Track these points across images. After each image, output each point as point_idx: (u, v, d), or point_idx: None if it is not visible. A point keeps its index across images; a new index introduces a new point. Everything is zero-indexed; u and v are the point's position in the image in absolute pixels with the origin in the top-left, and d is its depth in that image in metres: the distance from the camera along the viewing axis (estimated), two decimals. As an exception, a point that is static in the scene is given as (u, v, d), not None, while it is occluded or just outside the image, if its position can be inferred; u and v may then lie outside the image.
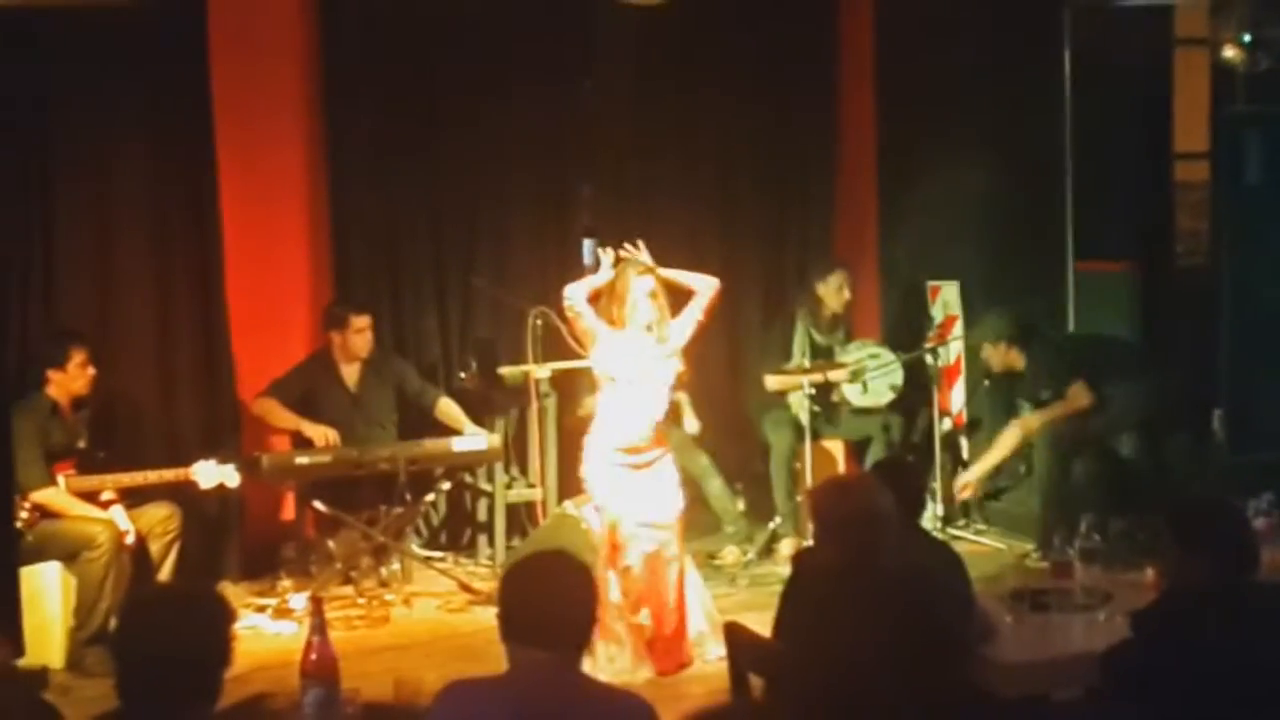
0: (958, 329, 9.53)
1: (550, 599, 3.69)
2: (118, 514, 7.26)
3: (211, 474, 7.53)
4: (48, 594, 7.06)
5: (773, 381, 9.11)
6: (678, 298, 7.08)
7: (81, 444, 7.43)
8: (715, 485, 8.93)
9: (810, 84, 9.91)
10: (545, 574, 3.79)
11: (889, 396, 9.14)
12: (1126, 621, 4.50)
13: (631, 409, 6.84)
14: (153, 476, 7.42)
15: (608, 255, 7.01)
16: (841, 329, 9.30)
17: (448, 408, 8.58)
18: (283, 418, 8.23)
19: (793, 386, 9.04)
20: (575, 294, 6.87)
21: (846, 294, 9.20)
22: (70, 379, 7.39)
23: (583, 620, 3.70)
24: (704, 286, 7.01)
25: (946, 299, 9.60)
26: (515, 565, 4.09)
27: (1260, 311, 8.83)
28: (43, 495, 7.15)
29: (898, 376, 9.14)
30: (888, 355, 9.16)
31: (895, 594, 4.39)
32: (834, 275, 9.21)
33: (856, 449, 9.29)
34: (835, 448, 9.31)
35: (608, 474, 6.86)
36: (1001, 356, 8.83)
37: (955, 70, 9.38)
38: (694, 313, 6.96)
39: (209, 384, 8.43)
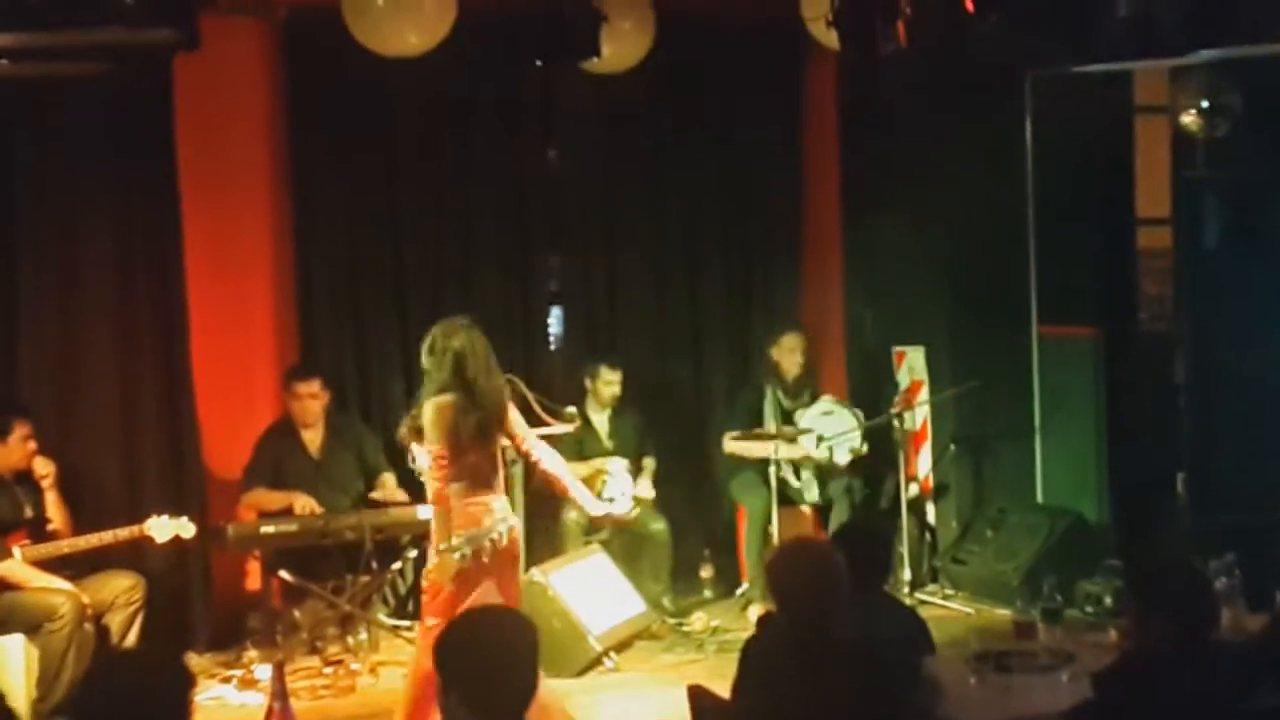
0: (924, 394, 9.57)
1: (487, 655, 3.67)
2: None
3: (166, 527, 7.52)
4: (10, 665, 7.00)
5: (729, 445, 9.16)
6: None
7: (29, 514, 7.40)
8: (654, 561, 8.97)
9: (775, 150, 10.01)
10: (480, 630, 3.77)
11: (847, 458, 9.15)
12: (1089, 682, 4.50)
13: None
14: (108, 536, 7.41)
15: None
16: (806, 391, 9.34)
17: (387, 482, 8.54)
18: (273, 499, 8.21)
19: (750, 453, 9.08)
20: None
21: (799, 356, 9.26)
22: (10, 451, 7.40)
23: (523, 672, 3.67)
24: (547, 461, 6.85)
25: (912, 364, 9.64)
26: (450, 625, 3.97)
27: (1222, 375, 8.87)
28: (0, 568, 7.12)
29: (856, 439, 9.16)
30: (844, 412, 9.18)
31: (844, 665, 4.40)
32: (786, 337, 9.31)
33: (821, 513, 9.31)
34: (806, 511, 9.32)
35: None
36: None
37: (919, 136, 9.45)
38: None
39: (174, 455, 8.40)
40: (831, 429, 9.16)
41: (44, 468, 7.51)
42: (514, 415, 6.78)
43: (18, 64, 6.29)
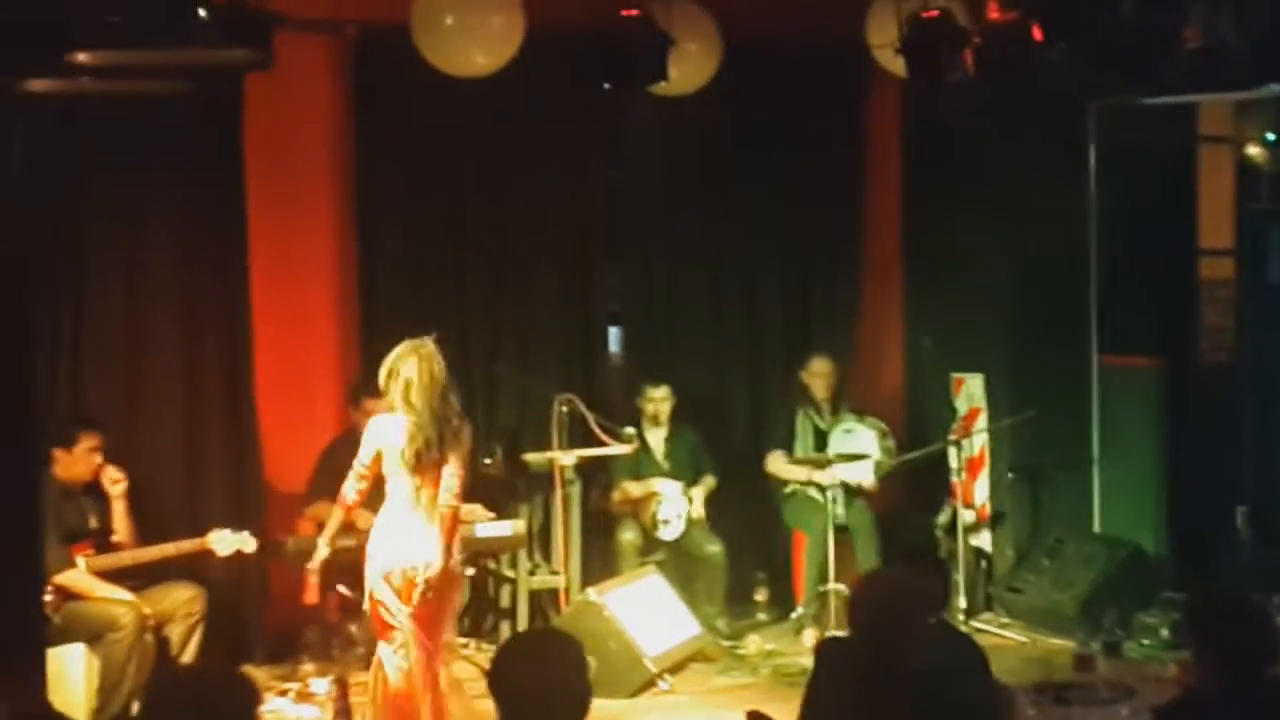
0: (981, 421, 9.55)
1: (542, 678, 3.68)
2: None
3: (228, 541, 7.56)
4: (71, 675, 7.06)
5: (773, 464, 9.17)
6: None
7: (94, 524, 7.46)
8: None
9: (836, 174, 10.01)
10: (536, 653, 3.80)
11: (868, 478, 9.13)
12: (1149, 718, 4.49)
13: None
14: (170, 549, 7.45)
15: None
16: (842, 415, 9.33)
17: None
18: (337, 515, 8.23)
19: (790, 475, 9.07)
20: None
21: (831, 380, 9.26)
22: (75, 461, 7.44)
23: (576, 696, 3.70)
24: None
25: (971, 391, 9.62)
26: (505, 647, 4.04)
27: (1283, 407, 8.85)
28: (65, 577, 7.19)
29: (882, 453, 9.13)
30: (864, 430, 9.17)
31: (924, 696, 4.40)
32: (814, 362, 9.34)
33: (877, 540, 9.27)
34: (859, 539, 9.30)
35: None
36: None
37: (981, 163, 9.45)
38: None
39: (236, 468, 8.44)
40: (857, 445, 9.13)
41: (116, 475, 7.56)
42: (466, 449, 6.71)
43: (98, 81, 6.36)
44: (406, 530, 6.53)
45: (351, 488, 6.70)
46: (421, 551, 6.47)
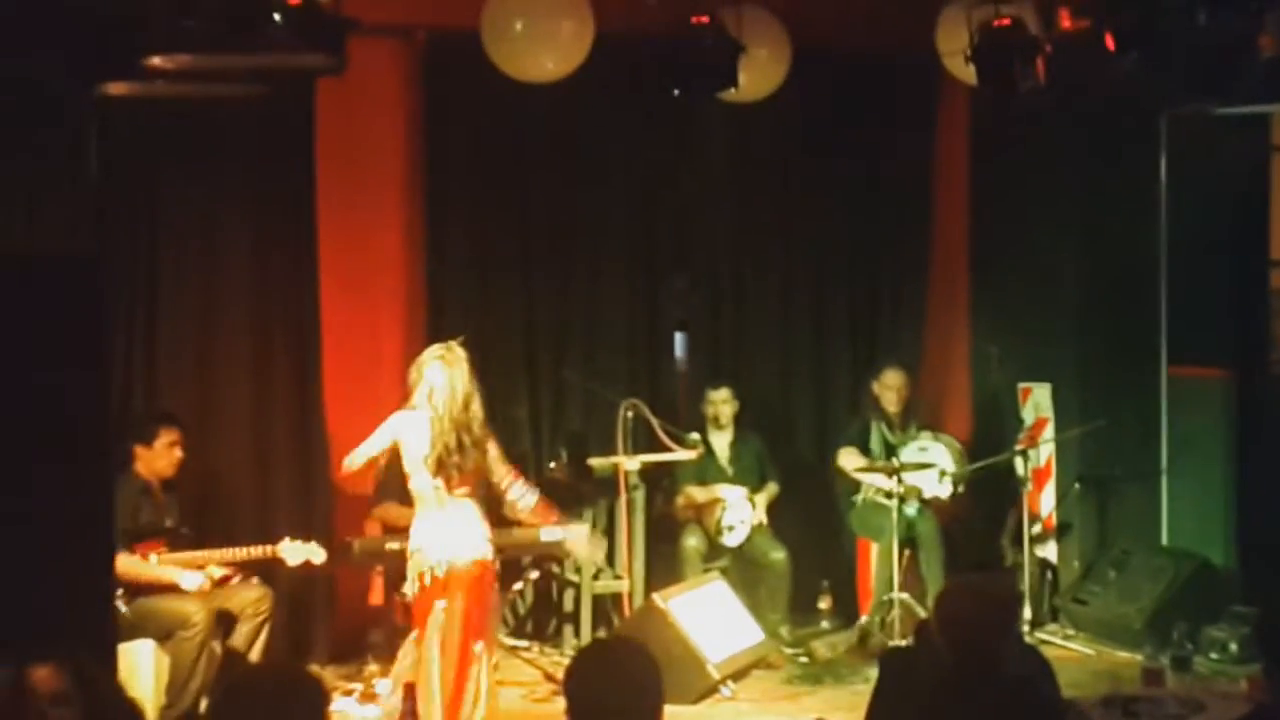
0: (1049, 431, 9.49)
1: (617, 687, 3.68)
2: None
3: (298, 552, 7.61)
4: (140, 671, 7.13)
5: (844, 459, 9.13)
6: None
7: (170, 523, 7.52)
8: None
9: (904, 182, 9.98)
10: (611, 662, 3.80)
11: (945, 490, 9.09)
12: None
13: None
14: (241, 553, 7.51)
15: None
16: (912, 426, 9.29)
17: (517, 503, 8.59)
18: (404, 515, 8.26)
19: (858, 475, 9.06)
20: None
21: (903, 392, 9.21)
22: (156, 456, 7.50)
23: (649, 708, 3.70)
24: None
25: (1038, 400, 9.57)
26: (581, 654, 4.10)
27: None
28: (135, 566, 7.24)
29: (956, 470, 9.09)
30: (938, 446, 9.12)
31: (1011, 703, 4.39)
32: (887, 373, 9.26)
33: (942, 551, 9.22)
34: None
35: None
36: None
37: (1050, 173, 9.41)
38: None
39: (303, 468, 8.51)
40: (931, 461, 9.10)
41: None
42: (494, 455, 6.96)
43: (173, 85, 6.43)
44: (440, 526, 6.81)
45: (353, 461, 6.93)
46: (453, 545, 6.76)
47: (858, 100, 9.61)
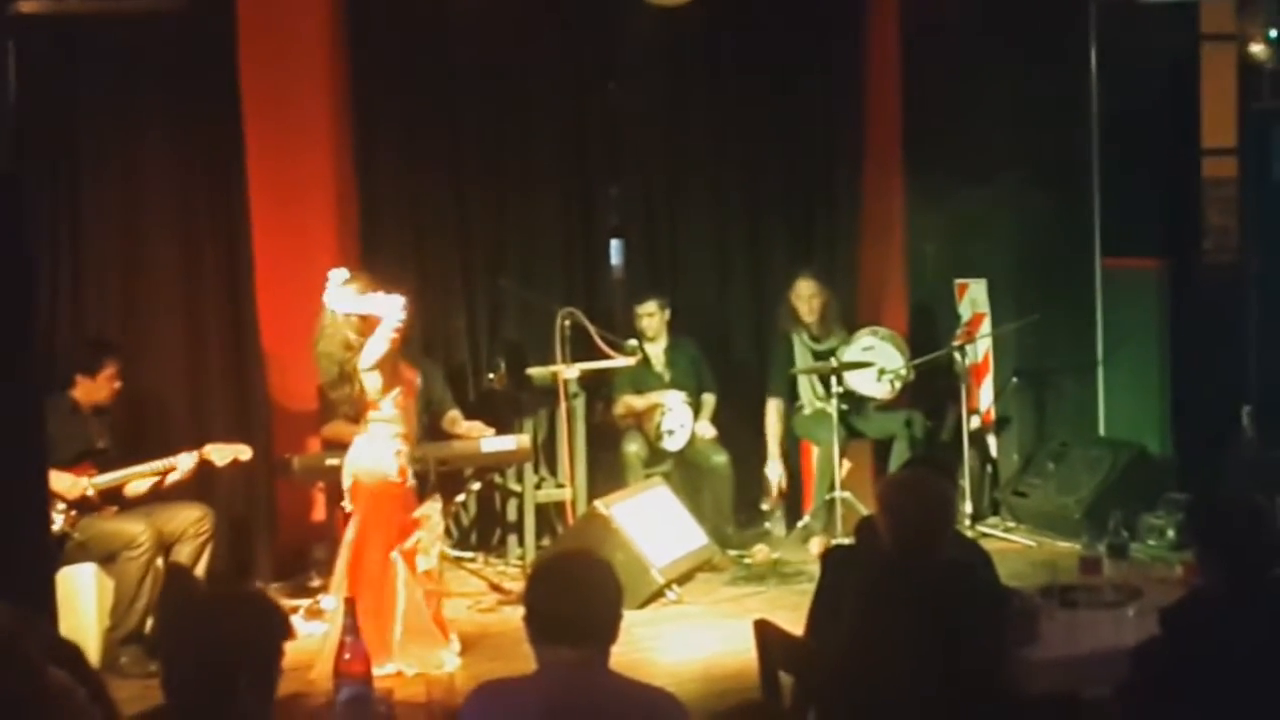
0: (985, 326, 9.53)
1: (576, 598, 3.69)
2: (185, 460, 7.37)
3: (225, 452, 7.57)
4: (82, 596, 7.08)
5: (771, 416, 9.20)
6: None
7: (101, 444, 7.46)
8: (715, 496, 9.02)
9: (836, 82, 9.92)
10: (570, 573, 3.80)
11: (883, 390, 9.12)
12: (1156, 618, 4.49)
13: None
14: (170, 463, 7.42)
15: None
16: (834, 332, 9.28)
17: (454, 422, 8.58)
18: (353, 432, 8.22)
19: (803, 369, 9.09)
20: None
21: (817, 301, 9.18)
22: (97, 388, 7.42)
23: (609, 618, 3.71)
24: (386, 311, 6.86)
25: (974, 296, 9.60)
26: (540, 566, 4.13)
27: (1289, 307, 8.83)
28: (75, 487, 7.18)
29: (903, 369, 9.12)
30: (885, 345, 9.13)
31: (948, 586, 4.44)
32: (800, 283, 9.23)
33: (880, 448, 9.29)
34: (863, 446, 9.31)
35: None
36: None
37: (981, 66, 9.39)
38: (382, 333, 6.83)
39: (238, 384, 8.43)
40: (878, 360, 9.11)
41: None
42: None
43: (87, 1, 6.31)
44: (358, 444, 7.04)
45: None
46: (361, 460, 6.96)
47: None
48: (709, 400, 9.22)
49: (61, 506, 7.05)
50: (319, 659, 6.60)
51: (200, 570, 7.39)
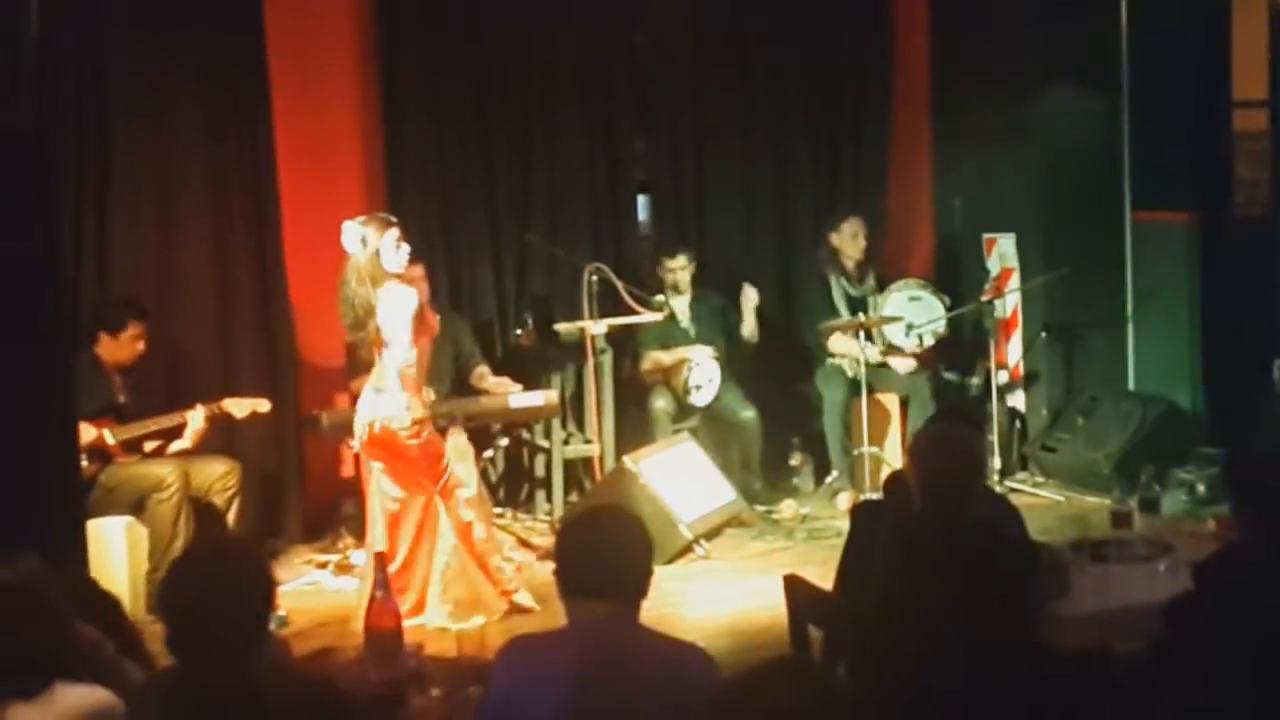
0: (1014, 281, 9.49)
1: (607, 552, 3.71)
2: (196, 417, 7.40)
3: (243, 405, 7.60)
4: (113, 548, 7.11)
5: (835, 343, 9.12)
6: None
7: (121, 400, 7.47)
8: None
9: (863, 34, 9.88)
10: (601, 528, 3.81)
11: (911, 344, 9.12)
12: (1188, 573, 4.47)
13: None
14: (190, 414, 7.44)
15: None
16: (871, 277, 9.28)
17: (482, 377, 8.59)
18: None
19: (842, 349, 9.06)
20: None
21: (862, 241, 9.20)
22: (120, 346, 7.44)
23: (639, 572, 3.72)
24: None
25: (1003, 251, 9.55)
26: (570, 521, 4.13)
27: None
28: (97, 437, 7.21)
29: (942, 324, 9.11)
30: (929, 297, 9.12)
31: (976, 543, 4.42)
32: (846, 224, 9.24)
33: (909, 403, 9.27)
34: (889, 401, 9.28)
35: None
36: None
37: (1011, 19, 9.31)
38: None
39: (267, 340, 8.41)
40: (920, 315, 9.11)
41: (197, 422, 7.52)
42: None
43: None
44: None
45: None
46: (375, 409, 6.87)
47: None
48: (750, 294, 9.14)
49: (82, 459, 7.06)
50: (354, 614, 6.61)
51: (229, 525, 7.41)
